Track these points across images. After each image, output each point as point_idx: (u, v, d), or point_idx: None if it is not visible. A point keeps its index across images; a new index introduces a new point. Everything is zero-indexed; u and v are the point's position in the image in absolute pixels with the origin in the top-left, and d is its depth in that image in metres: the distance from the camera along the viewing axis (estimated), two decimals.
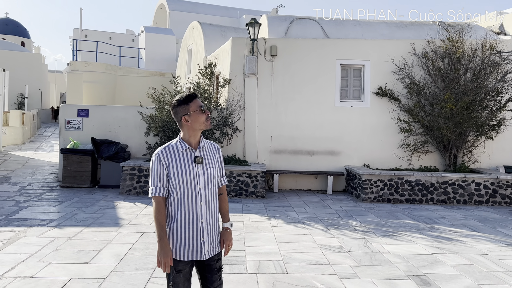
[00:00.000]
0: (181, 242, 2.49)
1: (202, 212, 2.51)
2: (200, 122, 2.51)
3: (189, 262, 2.53)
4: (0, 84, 15.95)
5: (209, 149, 2.61)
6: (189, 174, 2.48)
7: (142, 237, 5.73)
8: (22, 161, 13.18)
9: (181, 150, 2.52)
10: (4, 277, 4.20)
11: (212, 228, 2.57)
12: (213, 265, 2.58)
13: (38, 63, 30.70)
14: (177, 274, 2.50)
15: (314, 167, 10.16)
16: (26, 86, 26.14)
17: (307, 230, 6.35)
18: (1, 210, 7.02)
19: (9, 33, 36.58)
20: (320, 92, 10.36)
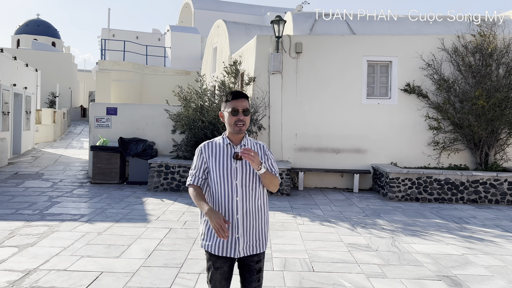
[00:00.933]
0: (215, 236, 2.49)
1: (238, 208, 2.48)
2: (229, 123, 2.51)
3: (227, 260, 2.51)
4: (33, 83, 16.50)
5: (252, 147, 2.57)
6: (227, 169, 2.49)
7: (169, 233, 5.82)
8: (53, 158, 13.61)
9: (223, 145, 2.55)
10: (39, 269, 4.35)
11: (250, 227, 2.51)
12: (252, 266, 2.55)
13: (68, 63, 31.56)
14: (215, 271, 2.50)
15: (339, 165, 10.07)
16: (57, 85, 26.94)
17: (333, 229, 6.30)
18: (35, 205, 7.28)
19: (41, 34, 37.72)
20: (346, 89, 10.25)
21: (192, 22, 26.11)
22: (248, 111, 2.53)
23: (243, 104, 2.50)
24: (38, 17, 39.67)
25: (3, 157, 11.77)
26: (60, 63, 30.41)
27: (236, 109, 2.47)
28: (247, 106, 2.52)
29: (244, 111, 2.49)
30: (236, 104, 2.48)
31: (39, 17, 39.82)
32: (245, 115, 2.49)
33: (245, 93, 2.57)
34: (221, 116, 2.57)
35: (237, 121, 2.48)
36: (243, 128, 2.50)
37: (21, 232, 5.61)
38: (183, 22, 28.64)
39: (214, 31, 16.47)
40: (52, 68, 28.73)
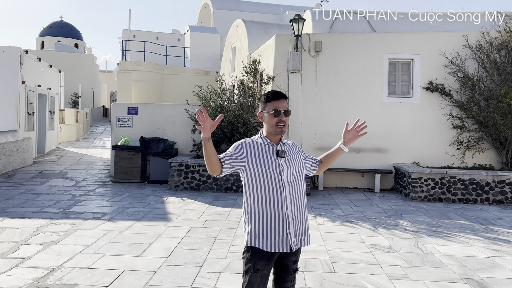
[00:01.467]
0: (266, 233, 2.45)
1: (288, 203, 2.46)
2: (270, 124, 2.48)
3: (269, 262, 2.47)
4: (57, 84, 16.88)
5: (291, 147, 2.60)
6: (272, 166, 2.47)
7: (190, 231, 5.85)
8: (76, 157, 13.89)
9: (263, 144, 2.52)
10: (63, 267, 4.43)
11: (299, 222, 2.52)
12: (289, 266, 2.55)
13: (90, 64, 32.16)
14: (255, 274, 2.45)
15: (360, 165, 9.95)
16: (79, 86, 27.49)
17: (354, 229, 6.22)
18: (59, 203, 7.43)
19: (64, 36, 38.55)
20: (367, 87, 10.11)
21: (211, 22, 26.23)
22: (289, 111, 2.50)
23: (284, 105, 2.48)
24: (61, 19, 40.56)
25: (28, 156, 12.07)
26: (82, 64, 31.03)
27: (278, 110, 2.45)
28: (287, 107, 2.50)
29: (286, 112, 2.47)
30: (277, 105, 2.46)
31: (62, 20, 40.71)
32: (286, 115, 2.48)
33: (284, 93, 2.56)
34: (260, 117, 2.56)
35: (279, 122, 2.45)
36: (284, 129, 2.48)
37: (46, 230, 5.73)
38: (202, 22, 28.80)
39: (233, 30, 16.50)
40: (75, 69, 29.33)
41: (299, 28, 9.93)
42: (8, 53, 12.38)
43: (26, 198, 7.78)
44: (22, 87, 12.48)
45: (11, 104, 12.19)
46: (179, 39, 27.63)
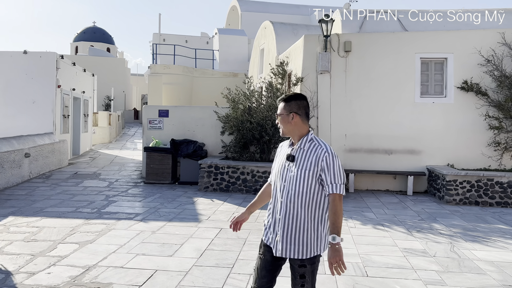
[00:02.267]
0: (267, 228, 2.67)
1: (281, 209, 2.52)
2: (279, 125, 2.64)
3: (269, 249, 2.59)
4: (90, 88, 17.40)
5: (309, 151, 2.47)
6: (281, 170, 2.58)
7: (220, 233, 5.89)
8: (109, 158, 14.26)
9: (286, 146, 2.67)
10: (98, 266, 4.55)
11: (290, 231, 2.46)
12: (295, 268, 2.52)
13: (122, 67, 32.99)
14: (259, 257, 2.66)
15: (392, 167, 9.74)
16: (111, 89, 28.23)
17: (387, 233, 6.09)
18: (93, 204, 7.64)
19: (97, 40, 39.74)
20: (398, 88, 9.90)
21: (239, 25, 26.37)
22: (280, 114, 2.58)
23: (279, 108, 2.61)
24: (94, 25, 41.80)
25: (63, 158, 12.49)
26: (114, 68, 31.87)
27: (276, 114, 2.67)
28: (281, 110, 2.58)
29: (279, 115, 2.60)
30: (281, 108, 2.61)
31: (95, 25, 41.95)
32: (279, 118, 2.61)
33: (287, 96, 2.60)
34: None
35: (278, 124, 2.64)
36: (281, 131, 2.61)
37: (81, 230, 5.90)
38: (231, 24, 29.01)
39: (261, 32, 16.53)
40: (107, 73, 30.14)
41: (328, 29, 9.84)
42: (45, 58, 12.86)
43: (62, 198, 8.04)
44: (58, 91, 12.93)
45: (47, 107, 12.65)
46: (207, 42, 27.94)
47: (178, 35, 27.21)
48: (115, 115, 22.18)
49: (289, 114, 2.53)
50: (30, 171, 10.16)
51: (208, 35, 29.88)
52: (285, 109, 2.55)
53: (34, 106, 12.63)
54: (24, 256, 4.78)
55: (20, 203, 7.51)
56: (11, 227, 5.94)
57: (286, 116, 2.54)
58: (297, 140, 2.57)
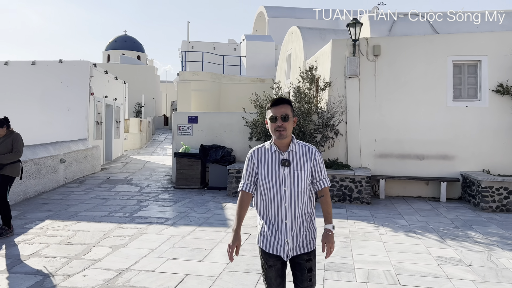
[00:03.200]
0: (268, 237, 2.62)
1: (286, 213, 2.55)
2: (271, 130, 2.58)
3: (278, 258, 2.59)
4: (122, 95, 17.87)
5: (300, 152, 2.61)
6: (275, 176, 2.56)
7: (249, 238, 5.90)
8: (140, 164, 14.57)
9: (270, 152, 2.62)
10: (130, 269, 4.64)
11: (298, 230, 2.59)
12: (302, 264, 2.60)
13: (152, 75, 33.73)
14: (269, 269, 2.62)
15: (424, 173, 9.50)
16: (142, 96, 28.90)
17: (419, 240, 5.94)
18: (125, 208, 7.82)
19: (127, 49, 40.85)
20: (430, 91, 9.67)
21: (266, 30, 26.49)
22: (288, 117, 2.55)
23: (282, 110, 2.54)
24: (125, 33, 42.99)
25: (96, 163, 12.86)
26: (144, 75, 32.64)
27: (274, 116, 2.54)
28: (287, 112, 2.56)
29: (283, 117, 2.53)
30: (275, 111, 2.55)
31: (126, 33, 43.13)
32: (284, 121, 2.54)
33: (286, 99, 2.63)
34: (266, 123, 2.66)
35: (277, 128, 2.54)
36: (283, 133, 2.54)
37: (114, 234, 6.05)
38: (258, 30, 29.18)
39: (288, 37, 16.54)
40: (138, 80, 30.89)
41: (356, 33, 9.75)
42: (79, 67, 13.33)
43: (95, 202, 8.27)
44: (91, 98, 13.35)
45: (81, 114, 13.08)
46: (235, 48, 28.20)
47: (206, 42, 27.61)
48: (145, 121, 22.67)
49: (293, 117, 2.62)
50: (65, 176, 10.51)
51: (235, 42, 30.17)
52: (291, 112, 2.59)
53: (69, 113, 13.09)
54: (60, 259, 4.95)
55: (56, 207, 7.78)
56: (48, 231, 6.16)
57: (292, 118, 2.59)
58: (286, 144, 2.60)
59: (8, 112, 9.72)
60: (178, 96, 18.97)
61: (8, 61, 13.63)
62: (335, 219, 7.17)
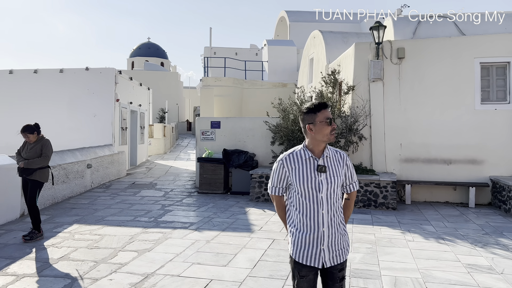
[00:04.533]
0: (302, 247, 2.51)
1: (324, 220, 2.48)
2: (323, 133, 2.49)
3: (312, 268, 2.51)
4: (146, 101, 18.18)
5: (334, 158, 2.56)
6: (312, 183, 2.48)
7: (273, 243, 5.88)
8: (164, 169, 14.75)
9: (305, 158, 2.53)
10: (156, 274, 4.69)
11: (334, 238, 2.52)
12: (335, 274, 2.54)
13: (175, 81, 34.21)
14: (301, 279, 2.53)
15: (452, 177, 9.26)
16: (166, 102, 29.31)
17: (448, 247, 5.78)
18: (150, 213, 7.92)
19: (151, 55, 41.61)
20: (456, 94, 9.45)
21: (288, 35, 26.49)
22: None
23: (330, 113, 2.54)
24: (148, 41, 43.81)
25: (122, 168, 13.09)
26: (168, 81, 33.13)
27: (330, 118, 2.50)
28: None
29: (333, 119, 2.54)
30: (327, 114, 2.51)
31: (149, 40, 43.95)
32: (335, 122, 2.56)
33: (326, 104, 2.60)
34: (309, 129, 2.51)
35: (332, 130, 2.50)
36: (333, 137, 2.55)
37: (139, 238, 6.13)
38: (279, 35, 29.21)
39: (310, 42, 16.50)
40: (162, 86, 31.38)
41: (380, 36, 9.63)
42: (105, 74, 13.64)
43: (121, 207, 8.41)
44: (116, 104, 13.63)
45: (107, 120, 13.37)
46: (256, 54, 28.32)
47: (228, 47, 27.82)
48: (169, 127, 22.97)
49: None
50: (92, 181, 10.74)
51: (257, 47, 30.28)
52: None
53: (95, 119, 13.40)
54: (88, 262, 5.04)
55: (83, 212, 7.95)
56: (75, 235, 6.30)
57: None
58: (321, 149, 2.55)
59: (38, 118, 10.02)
60: (201, 101, 19.15)
61: (37, 69, 14.09)
62: (360, 224, 7.07)
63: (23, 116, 12.59)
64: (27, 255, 5.32)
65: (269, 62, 22.86)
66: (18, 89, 13.97)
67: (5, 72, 14.16)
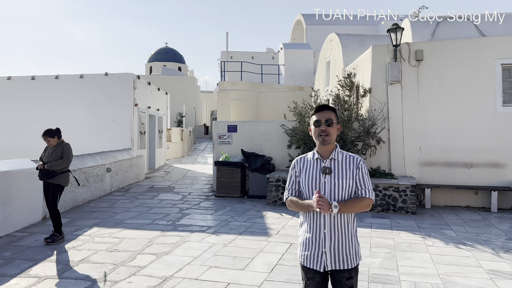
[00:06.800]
0: (305, 249, 2.55)
1: (326, 223, 2.47)
2: (314, 135, 2.56)
3: (317, 272, 2.51)
4: (164, 105, 18.38)
5: (344, 161, 2.53)
6: (315, 183, 2.51)
7: (290, 248, 5.86)
8: (182, 172, 14.87)
9: (312, 159, 2.59)
10: (174, 277, 4.73)
11: (338, 242, 2.47)
12: (342, 282, 2.50)
13: (192, 85, 34.49)
14: (308, 282, 2.56)
15: (473, 181, 9.08)
16: (183, 106, 29.57)
17: (469, 252, 5.66)
18: (168, 216, 7.99)
19: (169, 60, 42.07)
20: (477, 97, 9.27)
21: (304, 38, 26.47)
22: (331, 121, 2.52)
23: (326, 115, 2.53)
24: (166, 46, 44.31)
25: (141, 172, 13.26)
26: (185, 86, 33.43)
27: (318, 120, 2.52)
28: (331, 117, 2.53)
29: (327, 121, 2.51)
30: (319, 116, 2.54)
31: (167, 46, 44.47)
32: (328, 125, 2.51)
33: (330, 106, 2.61)
34: (310, 130, 2.64)
35: (320, 132, 2.51)
36: (327, 139, 2.51)
37: (158, 241, 6.19)
38: (295, 39, 29.21)
39: (327, 45, 16.43)
40: (179, 91, 31.68)
41: (398, 38, 9.53)
42: (124, 79, 13.86)
43: (140, 210, 8.52)
44: (135, 109, 13.83)
45: (126, 125, 13.57)
46: (273, 57, 28.35)
47: (244, 51, 27.92)
48: (186, 131, 23.17)
49: (338, 124, 2.58)
50: (111, 185, 10.91)
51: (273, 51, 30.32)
52: (336, 118, 2.57)
53: (114, 123, 13.62)
54: (107, 265, 5.12)
55: (103, 215, 8.08)
56: (95, 237, 6.40)
57: (336, 124, 2.56)
58: (328, 151, 2.55)
59: (59, 122, 10.26)
60: (218, 105, 19.28)
61: (58, 75, 14.41)
62: (378, 229, 6.98)
63: (45, 121, 12.91)
64: (49, 257, 5.43)
65: (286, 66, 22.86)
66: (40, 94, 14.32)
67: (28, 78, 14.54)
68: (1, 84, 14.61)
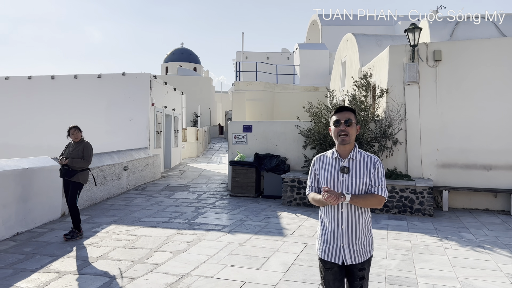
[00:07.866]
0: (324, 243, 2.67)
1: (343, 219, 2.59)
2: (334, 135, 2.65)
3: (333, 264, 2.63)
4: (180, 105, 18.54)
5: (362, 161, 2.62)
6: (333, 182, 2.61)
7: (306, 248, 5.85)
8: (197, 172, 14.98)
9: (331, 158, 2.69)
10: (190, 275, 4.77)
11: (355, 236, 2.59)
12: (355, 272, 2.62)
13: (207, 85, 34.70)
14: (327, 271, 2.67)
15: (492, 184, 8.92)
16: (198, 106, 29.78)
17: (488, 256, 5.57)
18: (184, 215, 8.06)
19: (184, 61, 42.38)
20: (497, 98, 9.11)
21: (320, 38, 26.34)
22: (351, 121, 2.59)
23: (346, 116, 2.61)
24: (182, 46, 44.64)
25: (157, 171, 13.39)
26: (201, 86, 33.65)
27: (337, 120, 2.61)
28: (350, 117, 2.61)
29: (346, 122, 2.59)
30: (338, 116, 2.62)
31: (183, 46, 44.78)
32: (347, 125, 2.59)
33: (350, 107, 2.69)
34: (330, 131, 2.71)
35: (340, 132, 2.59)
36: (346, 139, 2.59)
37: (174, 239, 6.25)
38: (311, 39, 29.09)
39: (343, 45, 16.34)
40: (194, 91, 31.90)
41: (415, 38, 9.43)
42: (140, 79, 14.02)
43: (156, 209, 8.61)
44: (151, 108, 13.98)
45: (143, 124, 13.72)
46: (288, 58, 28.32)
47: (259, 52, 27.96)
48: (202, 130, 23.31)
49: (356, 124, 2.66)
50: (128, 183, 11.05)
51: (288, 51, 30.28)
52: (355, 119, 2.64)
53: (131, 123, 13.79)
54: (125, 262, 5.19)
55: (120, 213, 8.19)
56: (113, 235, 6.50)
57: (355, 125, 2.64)
58: (347, 151, 2.64)
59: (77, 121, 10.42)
60: (233, 105, 19.34)
61: (77, 75, 14.66)
62: (395, 231, 6.93)
63: (64, 120, 13.15)
64: (68, 253, 5.53)
65: (301, 66, 22.80)
66: (60, 93, 14.58)
67: (47, 78, 14.83)
68: (22, 83, 14.94)
